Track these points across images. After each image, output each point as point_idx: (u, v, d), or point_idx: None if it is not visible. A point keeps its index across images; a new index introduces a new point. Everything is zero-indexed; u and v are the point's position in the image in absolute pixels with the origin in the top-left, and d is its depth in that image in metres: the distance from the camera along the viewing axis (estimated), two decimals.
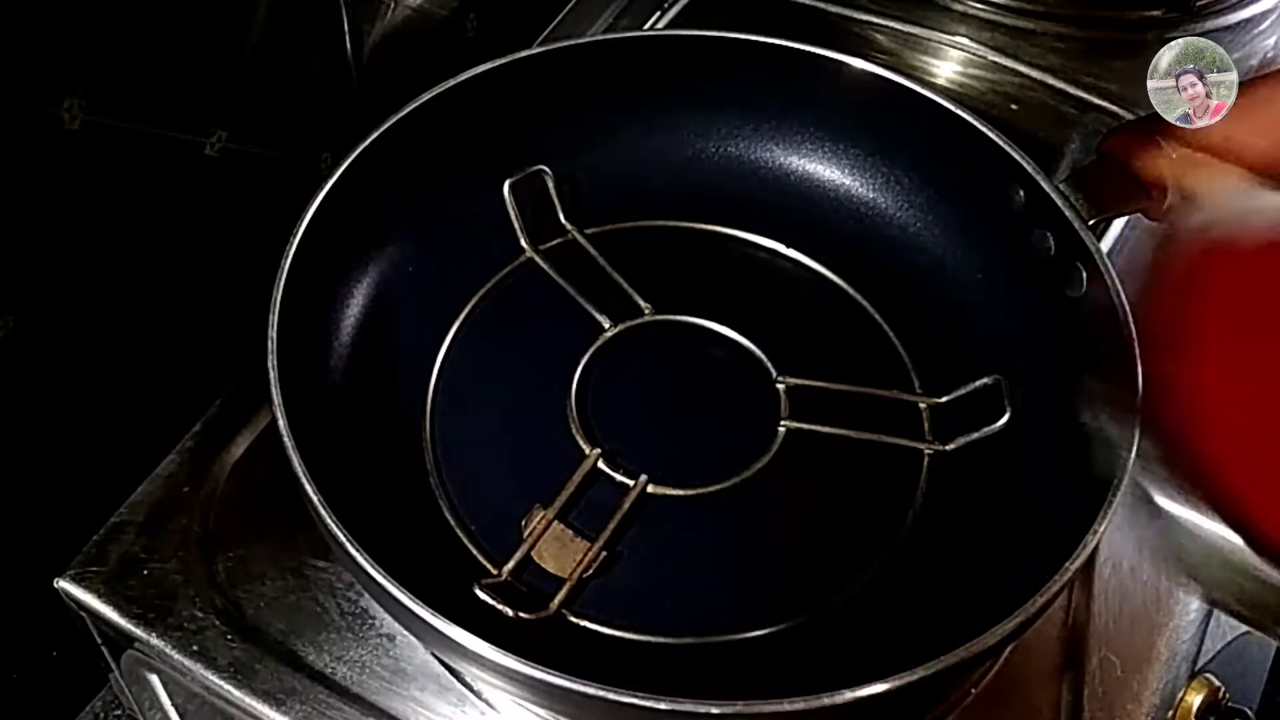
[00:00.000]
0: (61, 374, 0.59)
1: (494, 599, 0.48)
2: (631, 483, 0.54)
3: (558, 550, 0.52)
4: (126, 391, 0.62)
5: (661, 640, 0.51)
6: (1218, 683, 0.55)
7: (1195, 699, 0.55)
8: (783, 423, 0.57)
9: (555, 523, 0.53)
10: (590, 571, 0.52)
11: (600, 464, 0.55)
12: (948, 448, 0.56)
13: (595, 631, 0.51)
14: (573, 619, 0.51)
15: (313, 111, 0.66)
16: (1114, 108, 0.74)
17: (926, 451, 0.56)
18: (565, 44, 0.63)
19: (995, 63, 0.76)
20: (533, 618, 0.49)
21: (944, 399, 0.57)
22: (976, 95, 0.75)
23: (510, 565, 0.51)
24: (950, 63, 0.78)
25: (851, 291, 0.62)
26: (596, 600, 0.52)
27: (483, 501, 0.55)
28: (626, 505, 0.54)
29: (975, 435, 0.56)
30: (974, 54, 0.77)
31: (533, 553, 0.52)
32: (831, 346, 0.61)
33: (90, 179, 0.56)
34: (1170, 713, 0.55)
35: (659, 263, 0.62)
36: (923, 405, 0.57)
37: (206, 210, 0.62)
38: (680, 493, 0.55)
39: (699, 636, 0.52)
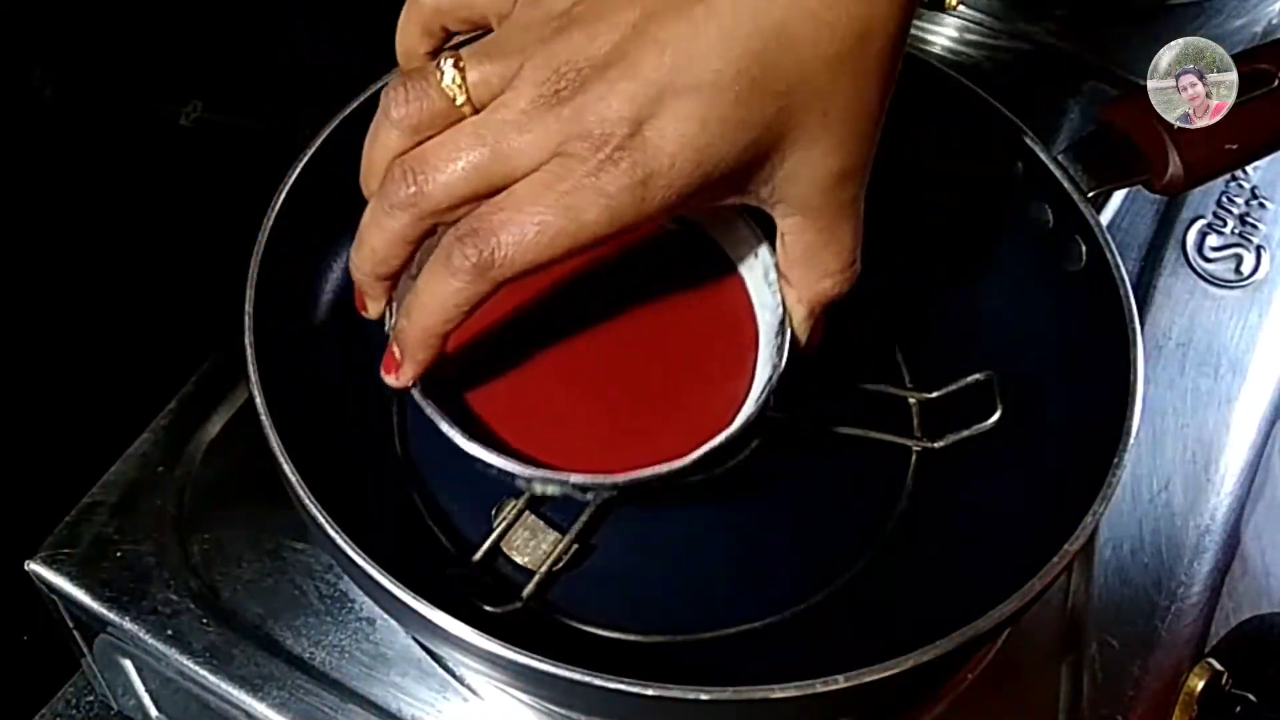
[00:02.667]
0: (33, 351, 0.58)
1: (460, 590, 0.47)
2: None
3: (528, 541, 0.51)
4: (99, 368, 0.61)
5: (637, 639, 0.50)
6: (1220, 667, 0.54)
7: (1198, 684, 0.54)
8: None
9: (527, 513, 0.52)
10: (561, 564, 0.51)
11: None
12: (936, 445, 0.55)
13: (569, 626, 0.51)
14: (545, 612, 0.51)
15: (289, 81, 0.65)
16: (1114, 76, 0.72)
17: (915, 448, 0.55)
18: None
19: (992, 29, 0.75)
20: (499, 611, 0.48)
21: (934, 394, 0.56)
22: (973, 63, 0.74)
23: (478, 556, 0.50)
24: (946, 29, 0.76)
25: None
26: (570, 594, 0.51)
27: (459, 487, 0.53)
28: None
29: (966, 433, 0.54)
30: (970, 20, 0.76)
31: (502, 543, 0.51)
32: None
33: (63, 151, 0.54)
34: (1171, 697, 0.54)
35: None
36: (912, 400, 0.56)
37: (181, 183, 0.61)
38: None
39: (676, 634, 0.51)
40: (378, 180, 0.41)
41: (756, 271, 0.49)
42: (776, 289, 0.46)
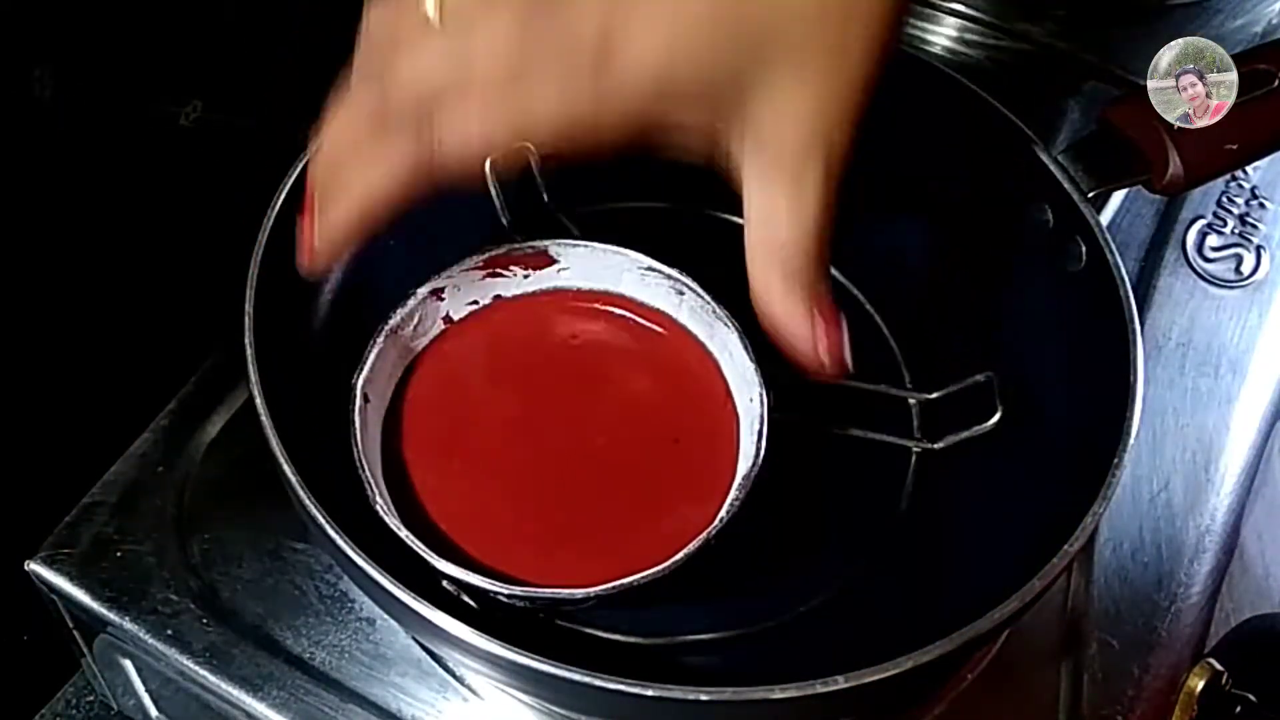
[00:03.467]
0: (33, 351, 0.58)
1: (457, 590, 0.47)
2: None
3: None
4: (99, 368, 0.60)
5: (637, 640, 0.50)
6: (1220, 667, 0.54)
7: (1197, 684, 0.54)
8: None
9: None
10: None
11: None
12: (936, 445, 0.54)
13: (569, 626, 0.51)
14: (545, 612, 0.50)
15: (289, 81, 0.65)
16: (1114, 76, 0.72)
17: (915, 449, 0.55)
18: None
19: (992, 29, 0.75)
20: (499, 611, 0.48)
21: (934, 395, 0.56)
22: (972, 63, 0.74)
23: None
24: (946, 29, 0.76)
25: (841, 278, 0.61)
26: None
27: None
28: None
29: (966, 434, 0.54)
30: (970, 20, 0.76)
31: None
32: None
33: (63, 151, 0.54)
34: (1171, 697, 0.54)
35: (645, 246, 0.61)
36: (912, 401, 0.56)
37: (181, 183, 0.61)
38: None
39: (676, 635, 0.51)
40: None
41: (750, 429, 0.49)
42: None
